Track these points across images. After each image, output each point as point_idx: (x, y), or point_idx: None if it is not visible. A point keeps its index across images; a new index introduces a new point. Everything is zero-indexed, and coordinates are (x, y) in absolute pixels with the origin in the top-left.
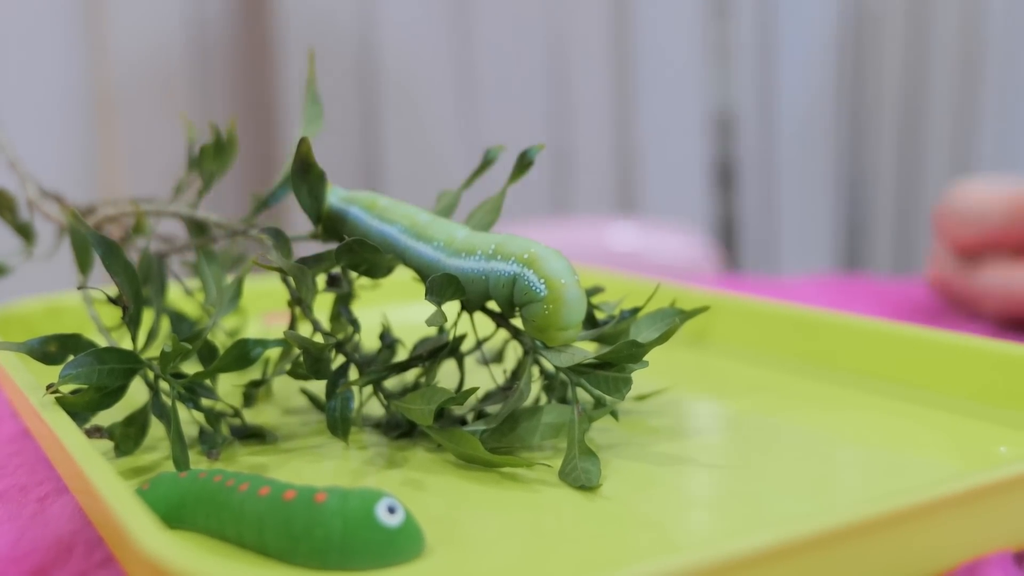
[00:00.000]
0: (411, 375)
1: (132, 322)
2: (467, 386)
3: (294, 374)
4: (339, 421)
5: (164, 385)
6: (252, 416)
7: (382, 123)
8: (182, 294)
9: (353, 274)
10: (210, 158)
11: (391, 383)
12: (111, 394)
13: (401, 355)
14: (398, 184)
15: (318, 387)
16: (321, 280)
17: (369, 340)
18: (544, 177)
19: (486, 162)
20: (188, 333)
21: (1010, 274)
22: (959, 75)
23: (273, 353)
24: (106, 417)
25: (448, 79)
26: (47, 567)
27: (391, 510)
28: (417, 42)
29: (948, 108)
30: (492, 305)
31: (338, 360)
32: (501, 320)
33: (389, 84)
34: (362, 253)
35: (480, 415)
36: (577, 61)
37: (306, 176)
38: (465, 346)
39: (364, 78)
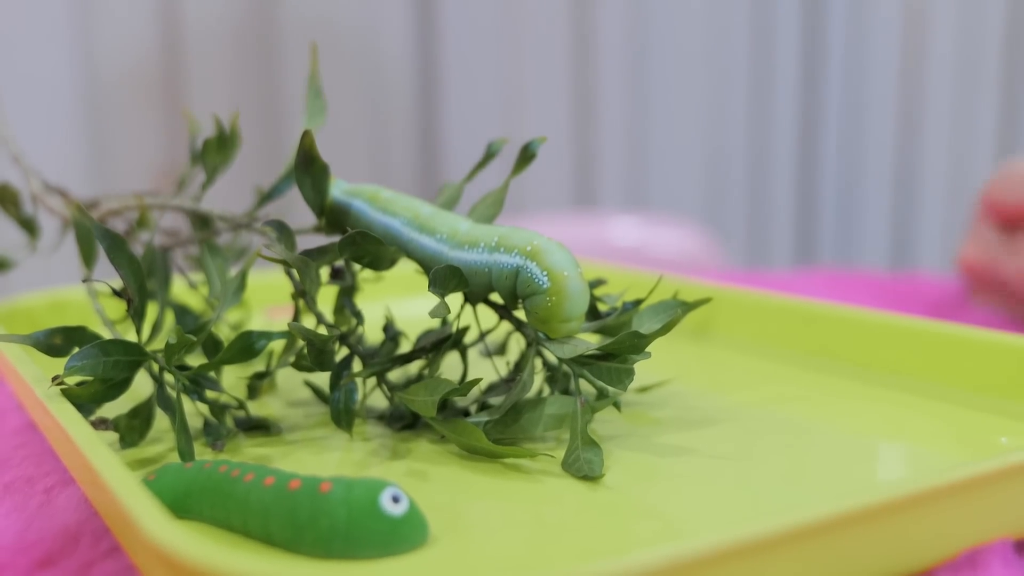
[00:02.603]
0: (414, 367)
1: (136, 315)
2: (470, 378)
3: (298, 366)
4: (343, 413)
5: (169, 377)
6: (256, 408)
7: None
8: (186, 287)
9: (356, 267)
10: (213, 151)
11: (395, 375)
12: (116, 386)
13: (404, 347)
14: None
15: (322, 379)
16: (325, 273)
17: (373, 332)
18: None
19: (488, 155)
20: (192, 326)
21: None
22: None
23: (277, 345)
24: (111, 409)
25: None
26: (54, 556)
27: (395, 499)
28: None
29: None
30: (495, 297)
31: (342, 352)
32: (504, 312)
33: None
34: (365, 245)
35: (483, 406)
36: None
37: (309, 169)
38: (468, 338)
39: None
